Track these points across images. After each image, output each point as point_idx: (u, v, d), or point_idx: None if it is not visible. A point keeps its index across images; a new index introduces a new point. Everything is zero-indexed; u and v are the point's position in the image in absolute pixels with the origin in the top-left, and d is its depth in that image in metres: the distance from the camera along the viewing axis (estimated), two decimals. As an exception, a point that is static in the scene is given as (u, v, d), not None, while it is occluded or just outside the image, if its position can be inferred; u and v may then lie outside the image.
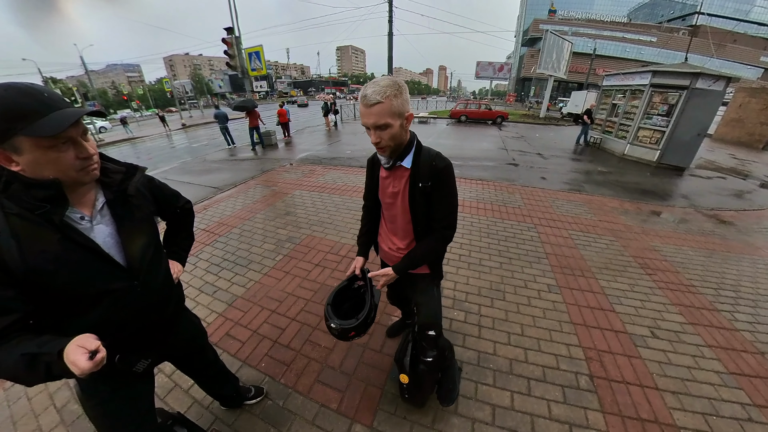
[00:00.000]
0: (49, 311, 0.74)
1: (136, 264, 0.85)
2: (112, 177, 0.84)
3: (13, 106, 0.61)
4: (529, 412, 1.58)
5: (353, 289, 1.36)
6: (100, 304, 0.79)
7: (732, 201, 5.31)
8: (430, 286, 1.34)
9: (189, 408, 1.65)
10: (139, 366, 0.92)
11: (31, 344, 0.64)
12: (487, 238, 3.43)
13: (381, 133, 0.98)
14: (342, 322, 1.19)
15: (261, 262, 3.01)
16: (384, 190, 1.22)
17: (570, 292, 2.54)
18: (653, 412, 1.58)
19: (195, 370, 1.35)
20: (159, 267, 0.98)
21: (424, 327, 1.31)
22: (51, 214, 0.70)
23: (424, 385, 1.44)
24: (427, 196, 1.10)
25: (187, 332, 1.20)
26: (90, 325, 0.74)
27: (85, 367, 0.58)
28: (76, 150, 0.70)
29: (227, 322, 2.25)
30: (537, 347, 1.98)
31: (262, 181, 5.72)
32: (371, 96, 0.93)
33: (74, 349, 0.60)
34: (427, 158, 1.10)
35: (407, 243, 1.27)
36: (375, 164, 1.26)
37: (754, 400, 1.67)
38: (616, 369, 1.83)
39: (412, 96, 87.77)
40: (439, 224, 1.15)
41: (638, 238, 3.58)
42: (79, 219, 0.77)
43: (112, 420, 0.95)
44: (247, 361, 1.93)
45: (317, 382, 1.78)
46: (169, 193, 1.13)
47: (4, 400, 1.70)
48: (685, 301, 2.50)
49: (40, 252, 0.68)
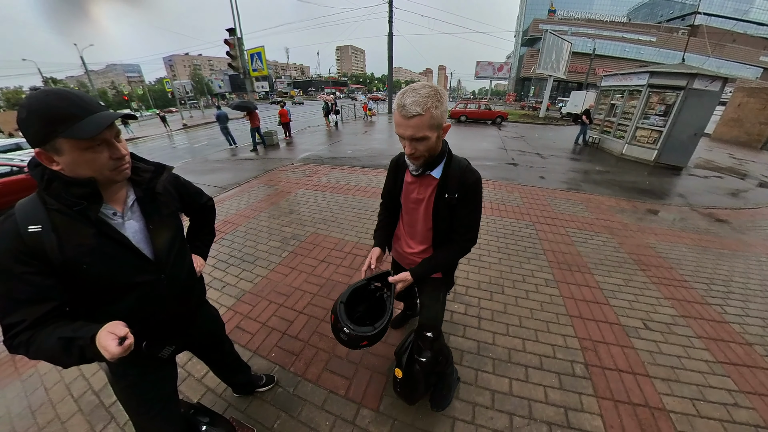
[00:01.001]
0: (83, 300, 0.79)
1: (163, 258, 0.90)
2: (142, 176, 0.89)
3: (55, 110, 0.65)
4: (526, 397, 1.66)
5: (369, 290, 1.24)
6: (129, 295, 0.84)
7: (728, 200, 5.40)
8: (438, 290, 1.35)
9: (203, 395, 1.73)
10: (165, 352, 0.99)
11: (67, 329, 0.70)
12: (486, 235, 3.52)
13: (417, 145, 0.94)
14: (357, 328, 1.05)
15: (267, 258, 3.10)
16: (408, 195, 1.20)
17: (567, 286, 2.63)
18: (644, 397, 1.67)
19: (212, 359, 1.43)
20: (184, 261, 1.04)
21: (423, 327, 1.32)
22: (87, 210, 0.75)
23: (418, 384, 1.39)
24: (452, 207, 1.09)
25: (208, 323, 1.27)
26: (120, 313, 0.78)
27: (115, 352, 0.63)
28: (110, 151, 0.74)
29: (237, 315, 2.34)
30: (534, 338, 2.07)
31: (265, 181, 5.81)
32: (410, 107, 0.86)
33: (105, 335, 0.65)
34: (457, 170, 1.07)
35: (424, 248, 1.27)
36: (399, 166, 1.22)
37: (741, 387, 1.76)
38: (609, 358, 1.92)
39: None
40: (461, 237, 1.15)
41: (634, 235, 3.67)
42: (112, 215, 0.82)
43: (140, 400, 1.01)
44: (258, 351, 2.01)
45: (325, 370, 1.86)
46: (194, 191, 1.20)
47: (22, 390, 1.76)
48: (678, 295, 2.58)
49: (77, 245, 0.74)
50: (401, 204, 1.27)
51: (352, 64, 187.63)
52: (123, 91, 51.65)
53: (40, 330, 0.70)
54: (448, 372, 1.59)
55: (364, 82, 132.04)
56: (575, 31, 42.84)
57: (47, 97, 0.66)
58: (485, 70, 39.17)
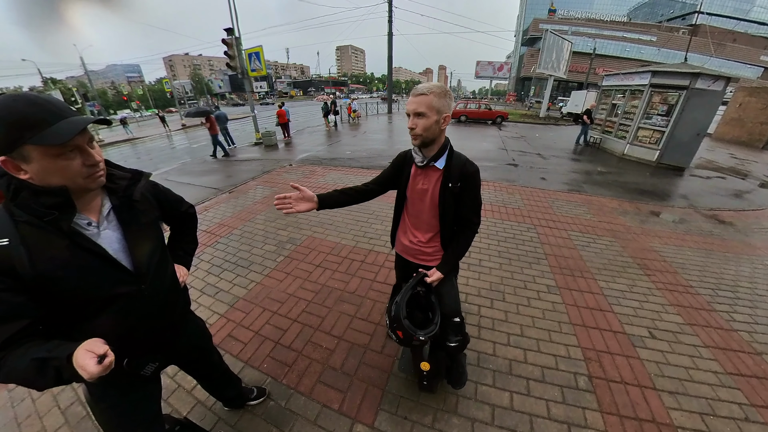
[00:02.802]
0: (58, 316, 0.74)
1: (143, 268, 0.86)
2: (117, 183, 0.85)
3: (22, 115, 0.62)
4: (528, 412, 1.60)
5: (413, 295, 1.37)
6: (108, 309, 0.80)
7: (731, 201, 5.32)
8: (449, 276, 1.41)
9: (192, 408, 1.67)
10: (147, 369, 0.93)
11: (41, 349, 0.65)
12: (487, 239, 3.45)
13: (417, 120, 1.12)
14: (426, 331, 1.22)
15: (262, 263, 3.03)
16: (414, 186, 1.31)
17: (569, 293, 2.55)
18: (651, 411, 1.60)
19: (200, 374, 1.37)
20: (165, 271, 0.99)
21: (449, 315, 1.37)
22: (59, 221, 0.71)
23: (440, 371, 1.53)
24: (456, 196, 1.23)
25: (193, 336, 1.21)
26: (98, 329, 0.75)
27: (93, 371, 0.59)
28: (83, 157, 0.71)
29: (229, 323, 2.27)
30: (536, 348, 2.00)
31: (262, 182, 5.74)
32: (420, 88, 1.10)
33: (83, 354, 0.61)
34: (458, 162, 1.23)
35: (429, 237, 1.37)
36: (407, 160, 1.35)
37: (752, 400, 1.69)
38: (614, 369, 1.85)
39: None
40: (470, 220, 1.30)
41: (637, 238, 3.60)
42: (87, 225, 0.77)
43: (121, 423, 0.95)
44: (250, 362, 1.95)
45: (319, 382, 1.79)
46: (174, 198, 1.14)
47: (8, 401, 1.71)
48: (684, 301, 2.51)
49: (49, 258, 0.69)
50: (407, 196, 1.37)
51: (352, 64, 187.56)
52: (122, 91, 51.59)
53: (12, 351, 0.65)
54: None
55: (364, 82, 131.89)
56: (575, 31, 42.72)
57: (14, 102, 0.62)
58: (485, 69, 39.04)
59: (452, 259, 1.35)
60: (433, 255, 1.41)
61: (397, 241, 1.53)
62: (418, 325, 1.26)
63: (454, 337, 1.38)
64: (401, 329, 1.22)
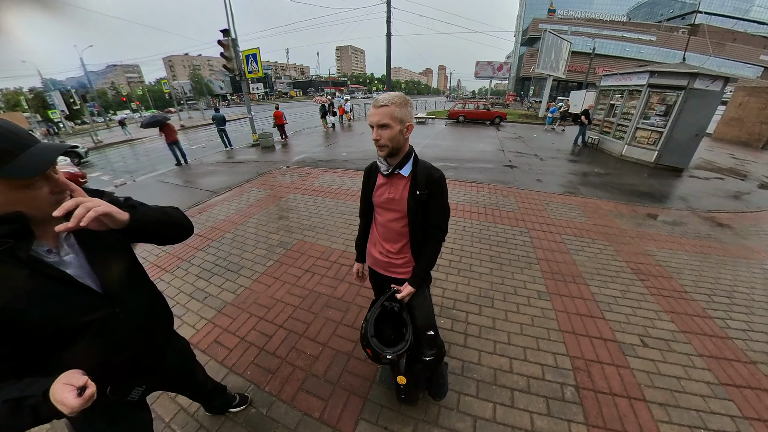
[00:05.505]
0: (29, 351, 0.70)
1: (114, 290, 0.82)
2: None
3: None
4: (510, 425, 1.56)
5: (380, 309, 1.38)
6: (82, 337, 0.76)
7: (729, 203, 5.27)
8: (421, 289, 1.39)
9: (175, 415, 1.66)
10: (134, 395, 0.90)
11: (13, 389, 0.60)
12: (479, 243, 3.40)
13: (381, 132, 1.13)
14: (395, 349, 1.21)
15: (252, 267, 3.00)
16: (380, 196, 1.31)
17: (560, 298, 2.51)
18: (639, 425, 1.56)
19: (184, 393, 1.36)
20: (141, 290, 0.95)
21: (423, 328, 1.35)
22: (16, 250, 0.66)
23: (419, 383, 1.50)
24: (423, 203, 1.23)
25: (178, 358, 1.17)
26: (75, 359, 0.71)
27: (74, 405, 0.56)
28: (49, 185, 0.67)
29: (216, 329, 2.25)
30: (523, 356, 1.96)
31: (256, 185, 5.71)
32: (381, 100, 1.12)
33: (60, 388, 0.57)
34: (423, 169, 1.23)
35: (399, 247, 1.35)
36: (372, 172, 1.36)
37: (744, 412, 1.65)
38: (603, 379, 1.81)
39: (412, 96, 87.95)
40: (435, 229, 1.29)
41: (632, 242, 3.55)
42: (46, 252, 0.73)
43: None
44: (234, 368, 1.93)
45: (301, 390, 1.77)
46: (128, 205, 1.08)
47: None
48: (678, 308, 2.47)
49: (10, 290, 0.65)
50: (374, 206, 1.37)
51: (352, 64, 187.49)
52: (122, 92, 51.56)
53: None
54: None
55: (364, 83, 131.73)
56: (575, 31, 42.57)
57: None
58: (485, 69, 38.92)
59: (422, 271, 1.34)
60: (404, 267, 1.38)
61: (368, 254, 1.52)
62: (389, 343, 1.24)
63: (429, 351, 1.36)
64: (369, 347, 1.22)
